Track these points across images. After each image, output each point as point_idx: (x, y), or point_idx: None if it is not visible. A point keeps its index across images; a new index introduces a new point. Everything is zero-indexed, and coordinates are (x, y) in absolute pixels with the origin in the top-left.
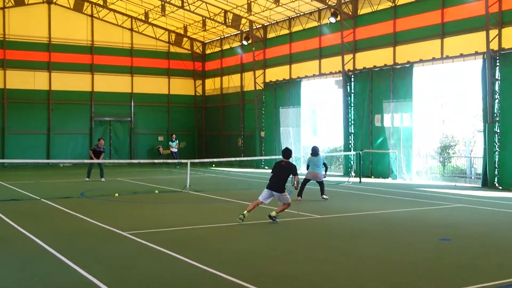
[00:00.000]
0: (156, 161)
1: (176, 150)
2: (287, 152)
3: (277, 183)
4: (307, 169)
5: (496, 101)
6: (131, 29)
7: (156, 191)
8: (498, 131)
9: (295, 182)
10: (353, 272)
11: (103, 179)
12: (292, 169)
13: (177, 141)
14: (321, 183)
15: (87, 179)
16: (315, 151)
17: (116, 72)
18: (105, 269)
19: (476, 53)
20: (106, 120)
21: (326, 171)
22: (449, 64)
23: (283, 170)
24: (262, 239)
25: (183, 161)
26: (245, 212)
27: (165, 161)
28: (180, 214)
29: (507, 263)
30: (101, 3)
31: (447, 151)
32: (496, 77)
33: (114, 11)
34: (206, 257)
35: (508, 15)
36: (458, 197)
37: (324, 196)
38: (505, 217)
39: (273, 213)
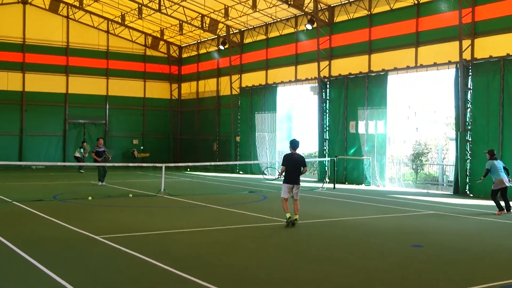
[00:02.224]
0: (130, 164)
1: (80, 156)
2: (298, 143)
3: (296, 177)
4: (490, 175)
5: (468, 110)
6: (107, 31)
7: (130, 195)
8: (470, 139)
9: (279, 172)
10: (325, 278)
11: (100, 183)
12: (304, 161)
13: (83, 150)
14: (504, 193)
15: (100, 183)
16: (494, 154)
17: (91, 74)
18: (77, 274)
19: (450, 63)
20: (81, 123)
21: (508, 175)
22: (423, 72)
23: (297, 162)
24: (234, 245)
25: (143, 165)
26: (287, 214)
27: (139, 164)
28: (154, 218)
29: (478, 270)
30: (77, 5)
31: (420, 158)
32: (469, 86)
33: (90, 12)
34: (179, 262)
35: (480, 26)
36: (430, 204)
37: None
38: (476, 224)
39: (296, 217)
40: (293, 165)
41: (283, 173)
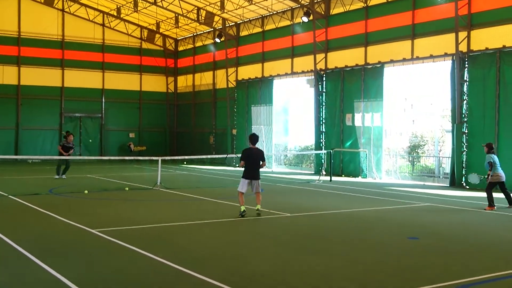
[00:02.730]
0: (126, 158)
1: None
2: (257, 137)
3: (255, 172)
4: (494, 170)
5: (464, 102)
6: (103, 25)
7: (127, 188)
8: (466, 131)
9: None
10: (323, 270)
11: (64, 176)
12: (263, 155)
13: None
14: (504, 186)
15: (57, 176)
16: (492, 147)
17: (87, 68)
18: (74, 267)
19: (446, 55)
20: (77, 116)
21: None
22: (419, 64)
23: (257, 156)
24: (232, 238)
25: (140, 158)
26: (242, 207)
27: (136, 158)
28: (150, 211)
29: (474, 261)
30: None
31: (416, 150)
32: (465, 78)
33: (86, 6)
34: (176, 255)
35: (477, 18)
36: (426, 196)
37: None
38: (472, 216)
39: (258, 207)
40: (253, 160)
41: (243, 167)
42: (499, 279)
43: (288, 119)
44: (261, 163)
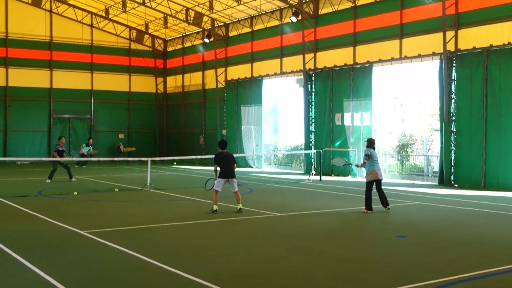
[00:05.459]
0: (116, 159)
1: (86, 154)
2: (226, 143)
3: (229, 171)
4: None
5: (452, 101)
6: (91, 25)
7: (116, 189)
8: (454, 130)
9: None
10: (310, 269)
11: (73, 179)
12: (234, 158)
13: (91, 148)
14: (379, 185)
15: (48, 180)
16: (371, 144)
17: (76, 69)
18: (63, 268)
19: (434, 54)
20: (66, 117)
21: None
22: (407, 64)
23: (228, 159)
24: (220, 237)
25: (129, 159)
26: (215, 206)
27: (125, 159)
28: (140, 212)
29: (461, 259)
30: None
31: (405, 149)
32: (453, 77)
33: (74, 6)
34: (164, 255)
35: (464, 17)
36: (415, 195)
37: (389, 207)
38: (460, 214)
39: (240, 206)
40: (226, 162)
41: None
42: (486, 276)
43: (278, 119)
44: (233, 165)
